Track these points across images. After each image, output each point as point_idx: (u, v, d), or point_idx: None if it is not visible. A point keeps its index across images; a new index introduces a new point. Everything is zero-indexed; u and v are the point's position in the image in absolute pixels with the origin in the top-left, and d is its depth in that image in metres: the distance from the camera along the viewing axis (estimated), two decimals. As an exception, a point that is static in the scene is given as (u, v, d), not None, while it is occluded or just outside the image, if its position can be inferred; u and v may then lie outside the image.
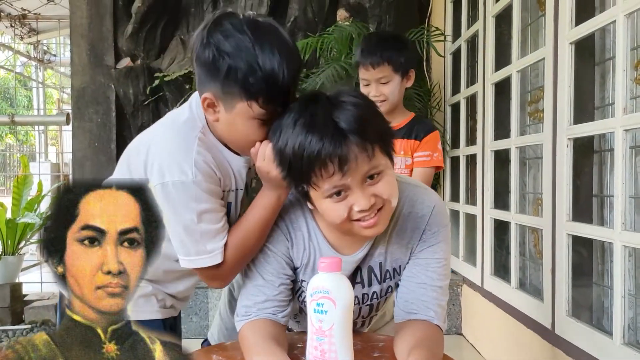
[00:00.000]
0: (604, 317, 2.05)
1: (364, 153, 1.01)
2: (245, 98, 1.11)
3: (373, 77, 2.04)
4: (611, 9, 1.80)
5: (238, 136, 1.18)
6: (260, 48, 1.09)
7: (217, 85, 1.12)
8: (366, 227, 1.05)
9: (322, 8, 3.87)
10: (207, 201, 1.16)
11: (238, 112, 1.13)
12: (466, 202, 3.32)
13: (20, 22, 5.82)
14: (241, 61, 1.08)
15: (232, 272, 1.23)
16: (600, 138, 2.08)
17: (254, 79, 1.08)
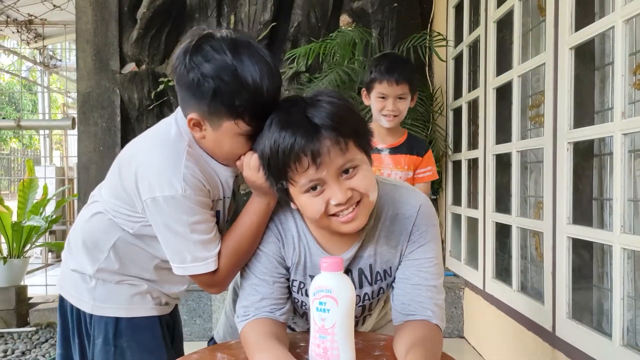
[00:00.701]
0: (603, 319, 2.06)
1: (336, 146, 1.03)
2: (233, 117, 1.14)
3: (394, 93, 2.19)
4: (610, 15, 1.82)
5: (225, 151, 1.22)
6: (241, 67, 1.13)
7: (202, 107, 1.15)
8: (344, 222, 1.07)
9: (325, 13, 3.91)
10: (198, 213, 1.20)
11: (225, 130, 1.17)
12: (468, 206, 3.34)
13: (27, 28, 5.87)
14: (225, 83, 1.12)
15: (227, 278, 1.26)
16: (600, 142, 2.11)
17: (239, 99, 1.12)
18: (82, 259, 1.38)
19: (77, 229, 1.42)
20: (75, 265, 1.40)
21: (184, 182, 1.17)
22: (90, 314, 1.38)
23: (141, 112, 3.90)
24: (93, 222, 1.37)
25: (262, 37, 3.83)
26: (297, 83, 3.80)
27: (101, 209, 1.36)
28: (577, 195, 2.08)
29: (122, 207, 1.31)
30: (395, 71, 2.19)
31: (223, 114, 1.14)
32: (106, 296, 1.37)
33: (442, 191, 3.79)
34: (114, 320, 1.37)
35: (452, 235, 3.64)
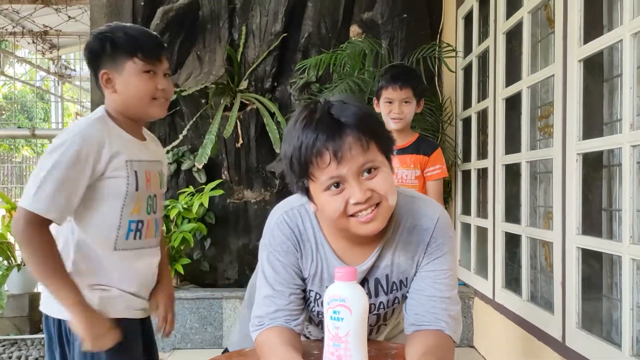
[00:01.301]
0: (613, 329, 2.07)
1: (358, 144, 1.05)
2: (129, 56, 1.49)
3: (399, 97, 2.41)
4: (618, 28, 1.85)
5: (134, 92, 1.52)
6: (127, 26, 1.56)
7: (107, 60, 1.52)
8: (363, 222, 1.08)
9: (335, 24, 3.95)
10: (65, 167, 1.42)
11: (127, 71, 1.51)
12: (477, 215, 3.35)
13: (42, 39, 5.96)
14: (118, 35, 1.51)
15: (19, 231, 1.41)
16: (609, 153, 2.12)
17: (127, 39, 1.50)
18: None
19: None
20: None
21: (79, 134, 1.45)
22: (66, 320, 1.48)
23: (153, 121, 3.93)
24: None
25: (273, 48, 3.88)
26: (308, 93, 3.85)
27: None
28: (587, 205, 2.09)
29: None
30: (399, 78, 2.42)
31: (122, 56, 1.50)
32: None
33: (452, 200, 3.81)
34: None
35: (461, 245, 3.65)
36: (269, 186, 3.97)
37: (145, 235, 1.60)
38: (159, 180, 1.65)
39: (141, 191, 1.56)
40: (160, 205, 1.68)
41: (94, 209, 1.50)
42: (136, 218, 1.56)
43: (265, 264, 1.24)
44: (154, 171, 1.62)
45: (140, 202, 1.56)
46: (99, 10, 3.93)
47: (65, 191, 1.43)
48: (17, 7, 5.45)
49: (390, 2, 3.83)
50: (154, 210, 1.63)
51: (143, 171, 1.56)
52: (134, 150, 1.55)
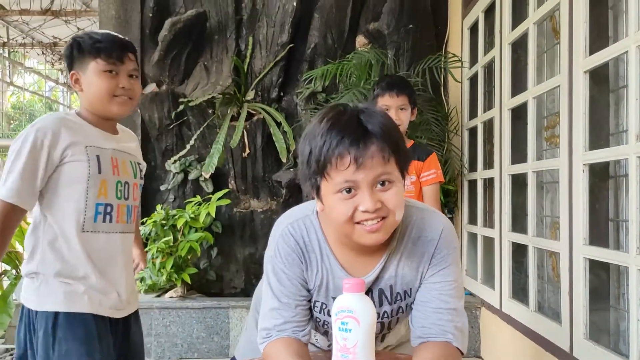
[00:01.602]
0: (620, 340, 2.07)
1: (380, 154, 1.06)
2: (92, 57, 1.64)
3: (395, 103, 2.42)
4: (623, 40, 1.86)
5: (97, 90, 1.65)
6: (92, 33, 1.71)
7: (75, 62, 1.67)
8: (369, 231, 1.08)
9: (341, 35, 3.98)
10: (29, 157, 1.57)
11: (91, 70, 1.65)
12: (484, 225, 3.35)
13: (52, 50, 6.03)
14: (82, 39, 1.67)
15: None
16: (615, 163, 2.12)
17: (91, 43, 1.65)
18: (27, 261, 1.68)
19: None
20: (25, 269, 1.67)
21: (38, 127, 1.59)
22: (35, 310, 1.62)
23: (161, 131, 3.98)
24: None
25: (280, 58, 3.91)
26: (314, 103, 3.87)
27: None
28: (593, 216, 2.09)
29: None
30: (395, 86, 2.45)
31: (85, 57, 1.65)
32: (48, 293, 1.62)
33: (458, 210, 3.81)
34: (53, 314, 1.61)
35: (468, 254, 3.65)
36: (276, 195, 3.99)
37: (117, 220, 1.71)
38: (131, 169, 1.77)
39: (105, 175, 1.67)
40: (135, 193, 1.79)
41: (60, 193, 1.63)
42: (103, 201, 1.67)
43: (270, 276, 1.25)
44: (122, 159, 1.74)
45: (106, 185, 1.67)
46: (107, 22, 3.98)
47: (29, 178, 1.58)
48: (27, 19, 5.52)
49: (396, 12, 3.85)
50: (125, 197, 1.74)
51: (108, 157, 1.68)
52: (96, 138, 1.68)
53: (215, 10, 4.03)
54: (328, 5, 3.92)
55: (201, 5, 4.06)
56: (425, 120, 3.54)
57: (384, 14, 3.92)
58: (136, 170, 1.80)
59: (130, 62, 1.69)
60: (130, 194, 1.75)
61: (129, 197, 1.75)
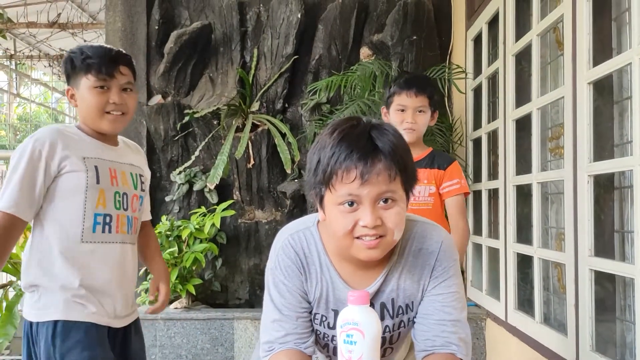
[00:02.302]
0: (627, 352, 2.05)
1: (386, 172, 1.08)
2: (83, 73, 1.66)
3: (413, 104, 2.17)
4: (627, 52, 1.86)
5: (89, 105, 1.67)
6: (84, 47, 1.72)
7: (70, 78, 1.70)
8: (366, 247, 1.10)
9: (345, 46, 4.00)
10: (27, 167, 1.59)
11: (83, 87, 1.67)
12: (489, 236, 3.35)
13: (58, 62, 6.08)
14: (75, 55, 1.69)
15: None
16: (620, 175, 2.12)
17: (81, 59, 1.67)
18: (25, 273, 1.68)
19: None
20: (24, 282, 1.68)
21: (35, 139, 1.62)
22: (36, 322, 1.63)
23: (166, 142, 4.00)
24: None
25: (285, 70, 3.93)
26: (319, 114, 3.89)
27: None
28: (599, 227, 2.09)
29: None
30: (415, 84, 2.18)
31: (78, 74, 1.67)
32: (47, 304, 1.63)
33: (463, 221, 3.80)
34: (52, 323, 1.61)
35: (473, 265, 3.64)
36: (280, 206, 4.00)
37: (117, 230, 1.71)
38: (131, 180, 1.78)
39: (104, 185, 1.67)
40: (134, 204, 1.79)
41: (58, 204, 1.64)
42: (102, 211, 1.67)
43: (271, 288, 1.25)
44: (122, 170, 1.75)
45: (105, 196, 1.68)
46: (114, 35, 4.02)
47: (24, 189, 1.58)
48: (34, 31, 5.58)
49: (400, 24, 3.88)
50: (125, 207, 1.74)
51: (106, 167, 1.70)
52: (94, 150, 1.70)
53: (220, 22, 4.06)
54: (332, 16, 3.95)
55: (206, 17, 4.10)
56: (430, 130, 3.54)
57: (387, 25, 3.94)
58: (137, 181, 1.81)
59: (122, 76, 1.69)
60: (129, 205, 1.76)
61: (128, 207, 1.75)
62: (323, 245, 1.23)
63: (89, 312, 1.65)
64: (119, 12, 4.02)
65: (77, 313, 1.63)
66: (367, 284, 1.22)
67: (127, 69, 1.71)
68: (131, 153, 1.86)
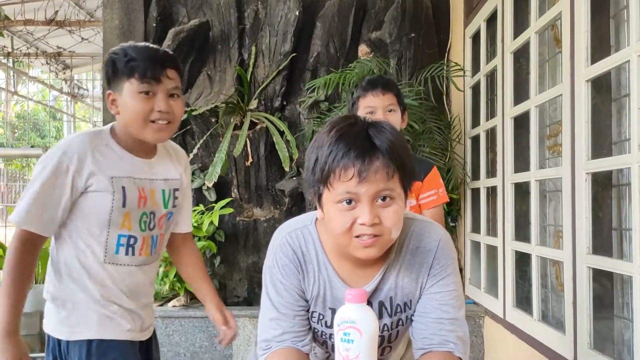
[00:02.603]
0: (625, 349, 2.05)
1: (384, 170, 1.07)
2: (126, 77, 1.50)
3: (382, 104, 2.02)
4: (625, 50, 1.86)
5: (131, 113, 1.52)
6: (128, 47, 1.55)
7: (112, 81, 1.54)
8: (363, 245, 1.09)
9: (343, 44, 3.99)
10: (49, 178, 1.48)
11: (125, 92, 1.51)
12: (487, 234, 3.35)
13: (56, 59, 6.07)
14: (117, 56, 1.53)
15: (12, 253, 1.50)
16: (618, 172, 2.12)
17: (125, 61, 1.50)
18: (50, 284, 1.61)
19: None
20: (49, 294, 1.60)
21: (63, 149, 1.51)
22: (66, 340, 1.54)
23: (166, 139, 3.99)
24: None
25: (283, 67, 3.93)
26: (317, 112, 3.88)
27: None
28: (597, 225, 2.09)
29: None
30: (380, 82, 2.07)
31: (120, 78, 1.51)
32: (78, 321, 1.54)
33: (461, 218, 3.81)
34: (86, 342, 1.53)
35: (471, 263, 3.64)
36: (279, 204, 3.99)
37: (139, 252, 1.61)
38: (161, 199, 1.64)
39: (130, 207, 1.55)
40: (161, 222, 1.66)
41: (81, 222, 1.54)
42: (126, 233, 1.57)
43: (269, 286, 1.25)
44: (152, 188, 1.61)
45: (130, 218, 1.56)
46: (111, 32, 4.00)
47: (44, 203, 1.48)
48: (31, 29, 5.56)
49: (398, 21, 3.87)
50: (150, 227, 1.62)
51: (135, 188, 1.56)
52: (125, 166, 1.57)
53: (218, 19, 4.05)
54: (330, 14, 3.94)
55: (204, 15, 4.09)
56: (428, 129, 3.54)
57: (386, 22, 3.94)
58: (169, 199, 1.67)
59: (169, 80, 1.53)
60: (155, 224, 1.64)
61: (154, 227, 1.63)
62: (321, 243, 1.23)
63: (123, 330, 1.58)
64: (116, 10, 4.01)
65: (111, 331, 1.56)
66: (365, 282, 1.22)
67: (174, 72, 1.55)
68: (169, 162, 1.70)
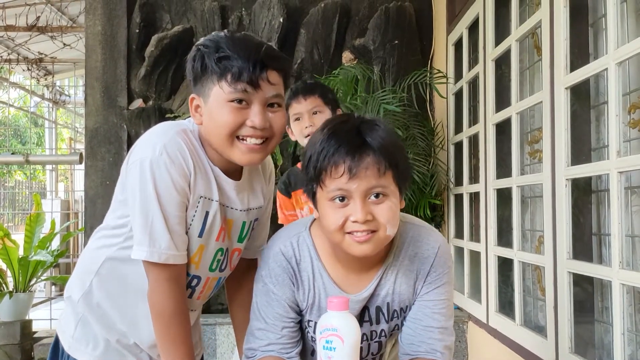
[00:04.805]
0: (604, 353, 2.08)
1: (375, 167, 1.08)
2: (216, 80, 1.15)
3: (305, 109, 2.08)
4: (603, 57, 1.89)
5: (217, 124, 1.16)
6: (225, 37, 1.19)
7: (197, 83, 1.19)
8: (357, 241, 1.09)
9: (327, 50, 4.01)
10: (168, 188, 1.15)
11: (213, 99, 1.16)
12: (470, 239, 3.37)
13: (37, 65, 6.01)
14: (206, 51, 1.17)
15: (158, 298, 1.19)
16: (597, 178, 2.15)
17: (216, 57, 1.15)
18: (73, 282, 1.35)
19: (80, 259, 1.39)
20: (68, 290, 1.36)
21: (164, 147, 1.15)
22: (67, 353, 1.31)
23: (148, 147, 3.96)
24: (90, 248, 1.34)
25: (267, 74, 3.92)
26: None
27: (100, 235, 1.33)
28: (577, 230, 2.11)
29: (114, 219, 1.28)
30: (300, 89, 2.13)
31: (209, 80, 1.16)
32: (83, 338, 1.30)
33: (445, 224, 3.83)
34: None
35: (455, 268, 3.66)
36: (263, 211, 3.98)
37: (198, 296, 1.33)
38: (240, 233, 1.33)
39: (206, 240, 1.24)
40: (233, 260, 1.37)
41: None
42: (192, 272, 1.27)
43: (259, 296, 1.25)
44: (231, 219, 1.29)
45: (202, 253, 1.26)
46: (94, 38, 3.98)
47: (170, 221, 1.17)
48: (12, 35, 5.50)
49: (381, 28, 3.90)
50: (221, 268, 1.32)
51: (218, 217, 1.24)
52: (213, 187, 1.23)
53: (202, 26, 4.05)
54: (314, 21, 3.96)
55: (188, 21, 4.08)
56: (412, 135, 3.56)
57: (369, 29, 3.96)
58: (247, 232, 1.36)
59: (269, 86, 1.16)
60: (227, 265, 1.35)
61: (225, 268, 1.34)
62: (315, 249, 1.22)
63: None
64: (99, 16, 3.98)
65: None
66: (361, 287, 1.21)
67: (277, 76, 1.19)
68: (257, 182, 1.37)
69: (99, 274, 1.29)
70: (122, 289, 1.29)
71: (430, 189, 3.52)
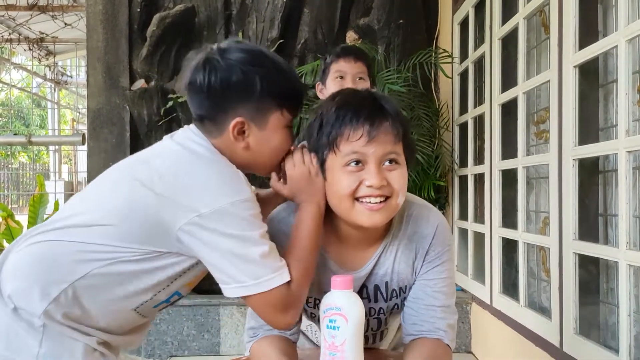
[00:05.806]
0: (610, 335, 2.07)
1: (392, 132, 1.08)
2: (279, 107, 1.14)
3: (352, 70, 2.04)
4: (613, 35, 1.85)
5: (270, 151, 1.16)
6: (277, 63, 1.16)
7: (249, 106, 1.12)
8: (369, 209, 1.07)
9: (331, 30, 3.96)
10: (261, 219, 1.12)
11: (272, 125, 1.14)
12: (475, 221, 3.35)
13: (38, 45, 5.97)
14: (271, 75, 1.13)
15: (301, 292, 1.12)
16: (605, 158, 2.13)
17: (284, 87, 1.15)
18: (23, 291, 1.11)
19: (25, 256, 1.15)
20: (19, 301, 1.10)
21: (247, 185, 1.11)
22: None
23: (150, 128, 3.94)
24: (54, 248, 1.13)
25: (270, 54, 3.88)
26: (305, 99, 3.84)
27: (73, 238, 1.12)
28: (583, 211, 2.09)
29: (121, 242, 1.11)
30: (353, 51, 2.12)
31: (269, 105, 1.13)
32: (55, 350, 1.11)
33: (449, 205, 3.81)
34: None
35: (459, 250, 3.65)
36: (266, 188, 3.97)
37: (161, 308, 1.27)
38: None
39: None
40: None
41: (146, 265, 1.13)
42: (185, 292, 1.25)
43: None
44: None
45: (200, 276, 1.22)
46: (94, 17, 3.93)
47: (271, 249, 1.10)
48: (13, 14, 5.46)
49: (386, 7, 3.84)
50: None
51: None
52: None
53: (205, 5, 3.99)
54: (318, 0, 3.90)
55: (190, 0, 4.02)
56: (416, 115, 3.52)
57: (374, 8, 3.90)
58: None
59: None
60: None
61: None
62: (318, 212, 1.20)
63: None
64: (100, -6, 3.93)
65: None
66: (360, 264, 1.20)
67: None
68: None
69: (74, 286, 1.11)
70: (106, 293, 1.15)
71: (434, 171, 3.49)
